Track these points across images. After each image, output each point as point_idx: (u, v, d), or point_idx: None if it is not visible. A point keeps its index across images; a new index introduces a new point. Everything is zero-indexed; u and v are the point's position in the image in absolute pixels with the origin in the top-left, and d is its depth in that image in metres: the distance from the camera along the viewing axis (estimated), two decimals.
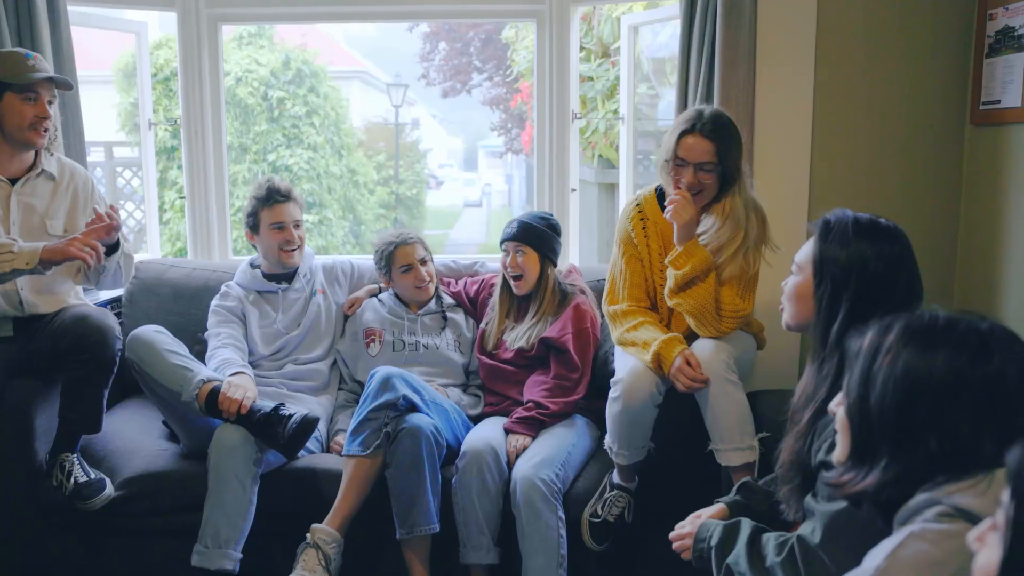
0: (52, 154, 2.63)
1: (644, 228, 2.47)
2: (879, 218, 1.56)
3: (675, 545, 1.73)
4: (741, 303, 2.29)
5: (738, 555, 1.58)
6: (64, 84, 2.52)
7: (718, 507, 1.79)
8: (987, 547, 0.75)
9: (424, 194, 13.96)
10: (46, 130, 2.48)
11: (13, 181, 2.52)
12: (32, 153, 2.55)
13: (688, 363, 2.20)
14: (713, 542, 1.63)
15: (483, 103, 13.71)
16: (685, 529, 1.73)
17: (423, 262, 2.85)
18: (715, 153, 2.27)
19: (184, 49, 3.39)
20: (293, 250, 2.80)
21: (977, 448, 1.02)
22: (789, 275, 1.66)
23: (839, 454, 1.15)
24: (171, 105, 7.51)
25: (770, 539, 1.56)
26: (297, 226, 2.83)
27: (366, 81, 15.52)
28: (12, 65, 2.43)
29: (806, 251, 1.60)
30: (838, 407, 1.16)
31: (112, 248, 2.50)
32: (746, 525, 1.61)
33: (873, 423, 1.09)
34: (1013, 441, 0.83)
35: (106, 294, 3.07)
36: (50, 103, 2.48)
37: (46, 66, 2.52)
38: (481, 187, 22.42)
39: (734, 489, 1.84)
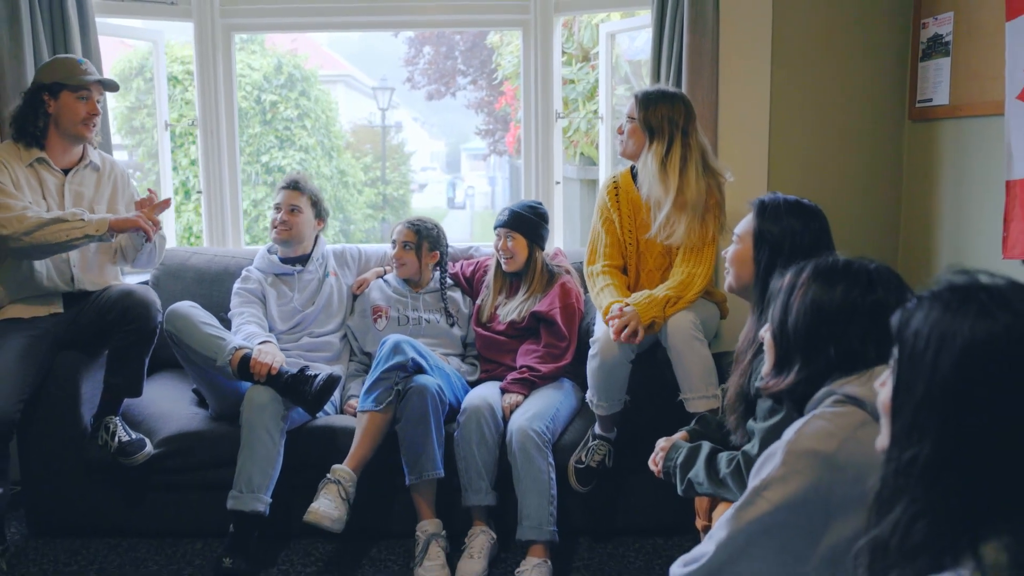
0: (95, 148, 2.95)
1: (617, 197, 2.85)
2: (803, 199, 1.94)
3: (650, 461, 2.07)
4: (696, 268, 2.64)
5: (697, 470, 1.93)
6: (111, 86, 2.85)
7: (681, 433, 2.14)
8: (885, 387, 1.06)
9: (410, 195, 14.25)
10: (95, 125, 2.82)
11: (65, 172, 2.84)
12: (80, 147, 2.87)
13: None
14: (679, 461, 1.98)
15: (467, 106, 14.02)
16: (660, 447, 2.07)
17: (405, 246, 3.15)
18: (635, 108, 2.73)
19: (200, 56, 3.70)
20: (284, 230, 3.10)
21: (864, 354, 1.36)
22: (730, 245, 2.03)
23: (766, 367, 1.50)
24: (170, 107, 7.78)
25: (722, 457, 1.91)
26: (292, 211, 3.12)
27: (349, 84, 15.79)
28: (68, 69, 2.77)
29: (746, 225, 1.97)
30: (766, 332, 1.51)
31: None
32: (705, 446, 1.96)
33: (789, 340, 1.44)
34: (890, 347, 1.17)
35: (134, 278, 3.38)
36: (98, 102, 2.81)
37: (95, 70, 2.85)
38: (464, 189, 22.72)
39: (693, 421, 2.20)
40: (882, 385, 1.06)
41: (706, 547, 1.40)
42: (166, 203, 2.81)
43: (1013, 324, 0.91)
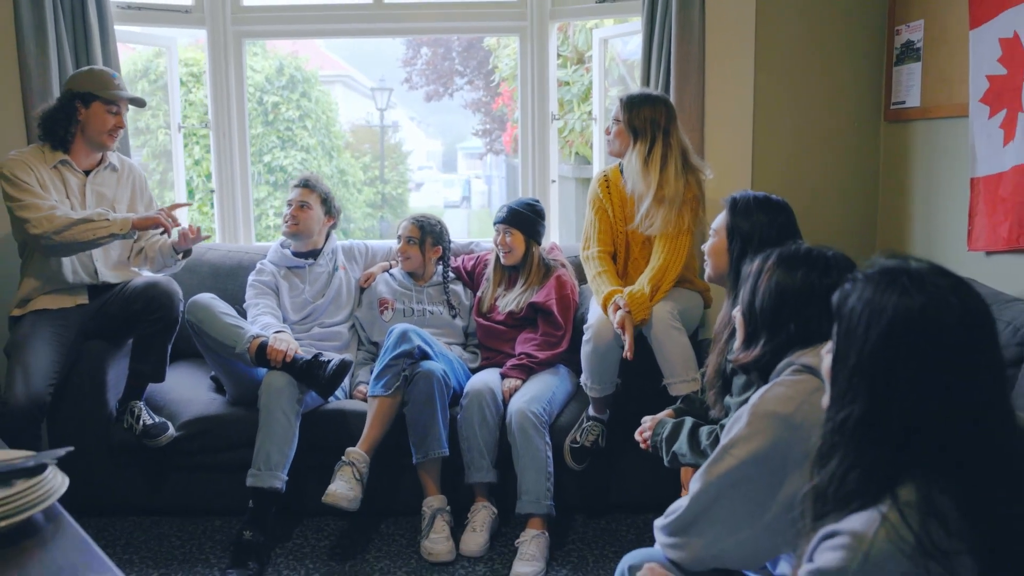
0: (114, 151, 3.14)
1: (608, 189, 3.07)
2: (771, 195, 2.13)
3: (636, 434, 2.27)
4: (668, 256, 2.85)
5: (681, 443, 2.12)
6: (139, 103, 3.03)
7: (667, 411, 2.33)
8: (828, 355, 1.23)
9: (408, 194, 14.42)
10: (117, 136, 3.00)
11: (86, 173, 3.02)
12: (101, 152, 3.05)
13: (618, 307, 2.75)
14: (664, 435, 2.17)
15: (465, 106, 14.21)
16: (646, 424, 2.27)
17: (409, 241, 3.35)
18: (621, 111, 2.95)
19: (213, 61, 3.89)
20: (293, 225, 3.30)
21: (820, 329, 1.55)
22: (708, 239, 2.24)
23: (737, 343, 1.69)
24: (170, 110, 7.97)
25: (703, 430, 2.10)
26: (302, 207, 3.32)
27: (348, 85, 15.96)
28: (103, 82, 2.95)
29: (720, 220, 2.17)
30: (736, 312, 1.71)
31: (186, 253, 3.10)
32: (688, 422, 2.16)
33: (756, 318, 1.63)
34: None
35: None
36: (125, 116, 3.00)
37: (126, 86, 3.04)
38: (461, 188, 22.87)
39: (679, 400, 2.40)
40: (827, 353, 1.23)
41: (683, 500, 1.59)
42: (186, 204, 3.01)
43: (926, 304, 1.08)
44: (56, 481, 1.42)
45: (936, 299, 1.07)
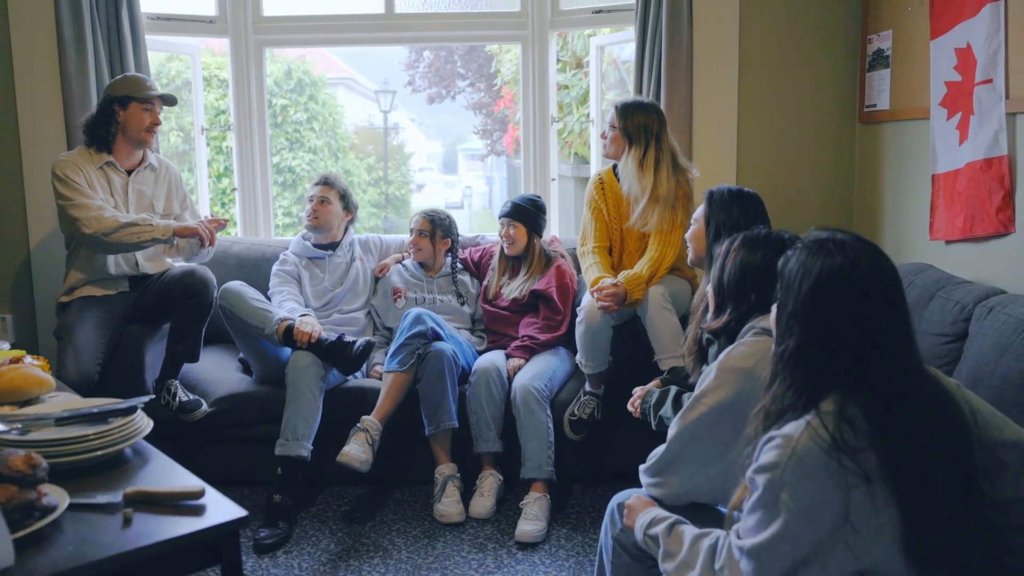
0: (153, 150, 3.42)
1: (603, 191, 3.36)
2: (744, 188, 2.41)
3: (628, 404, 2.55)
4: (663, 248, 3.15)
5: (667, 408, 2.40)
6: (170, 100, 3.32)
7: (654, 382, 2.62)
8: (774, 308, 1.52)
9: (410, 195, 14.70)
10: (155, 133, 3.28)
11: (129, 172, 3.31)
12: (141, 151, 3.34)
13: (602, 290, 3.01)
14: (652, 402, 2.46)
15: (466, 107, 14.49)
16: (637, 394, 2.55)
17: (421, 234, 3.64)
18: (616, 118, 3.22)
19: (235, 68, 4.17)
20: (313, 219, 3.60)
21: (775, 299, 1.84)
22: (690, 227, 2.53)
23: (709, 313, 1.98)
24: (183, 112, 8.21)
25: (686, 396, 2.38)
26: (322, 202, 3.61)
27: (349, 87, 16.23)
28: (136, 84, 3.24)
29: (699, 211, 2.46)
30: (708, 286, 1.99)
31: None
32: (673, 389, 2.44)
33: (724, 291, 1.92)
34: None
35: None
36: (159, 113, 3.29)
37: (157, 87, 3.32)
38: (462, 189, 23.16)
39: (666, 371, 2.68)
40: (774, 307, 1.54)
41: (663, 445, 1.88)
42: (224, 222, 3.32)
43: (844, 263, 1.39)
44: (143, 422, 1.71)
45: (852, 260, 1.39)
